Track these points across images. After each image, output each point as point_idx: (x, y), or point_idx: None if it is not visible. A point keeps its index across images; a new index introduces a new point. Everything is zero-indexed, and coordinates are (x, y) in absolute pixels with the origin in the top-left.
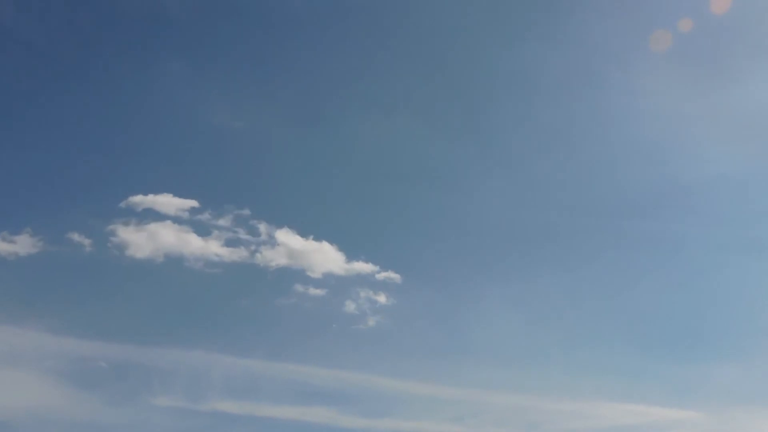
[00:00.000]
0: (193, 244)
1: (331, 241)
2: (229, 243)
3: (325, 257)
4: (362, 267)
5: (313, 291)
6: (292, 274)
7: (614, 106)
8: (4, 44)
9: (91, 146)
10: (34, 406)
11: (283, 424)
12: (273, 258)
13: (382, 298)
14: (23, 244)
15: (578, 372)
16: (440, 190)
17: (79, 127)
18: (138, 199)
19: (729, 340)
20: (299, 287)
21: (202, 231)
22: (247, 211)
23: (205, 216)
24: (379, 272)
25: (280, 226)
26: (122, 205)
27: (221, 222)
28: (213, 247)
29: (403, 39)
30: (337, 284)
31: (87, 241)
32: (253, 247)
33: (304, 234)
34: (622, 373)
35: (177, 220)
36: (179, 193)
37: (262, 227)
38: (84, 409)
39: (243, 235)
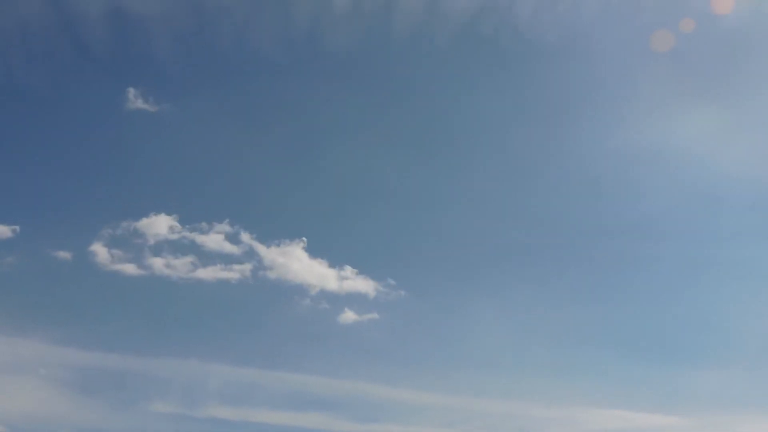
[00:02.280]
0: (187, 258)
1: (323, 255)
2: (223, 258)
3: (317, 270)
4: (354, 279)
5: (306, 302)
6: (286, 287)
7: (588, 131)
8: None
9: (93, 170)
10: (37, 412)
11: (277, 429)
12: (266, 271)
13: (373, 309)
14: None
15: (566, 379)
16: (430, 210)
17: (81, 153)
18: (133, 214)
19: (711, 348)
20: (292, 299)
21: (196, 246)
22: (239, 227)
23: (198, 231)
24: (370, 284)
25: (272, 241)
26: (122, 222)
27: (215, 236)
28: (207, 262)
29: (385, 79)
30: (329, 296)
31: (87, 255)
32: (247, 262)
33: (296, 248)
34: (608, 380)
35: (171, 234)
36: (170, 210)
37: (255, 243)
38: (84, 416)
39: (236, 250)
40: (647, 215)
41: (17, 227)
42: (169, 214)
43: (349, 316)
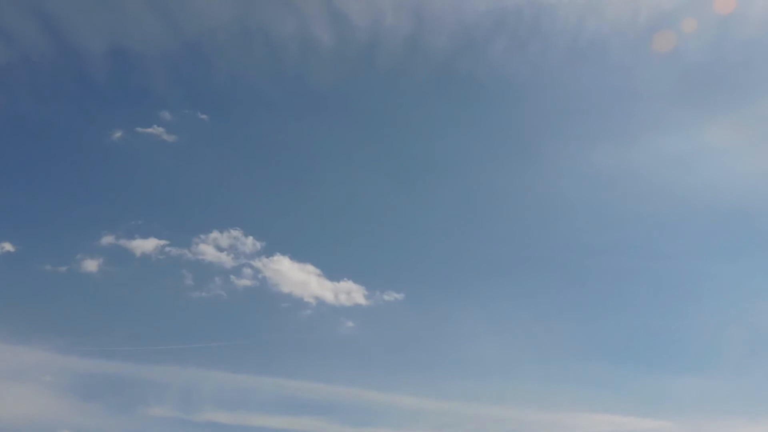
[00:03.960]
0: (182, 269)
1: (317, 265)
2: (219, 269)
3: (312, 280)
4: (348, 288)
5: (301, 311)
6: (281, 297)
7: (566, 154)
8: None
9: (91, 191)
10: (41, 417)
11: None
12: (262, 282)
13: (366, 317)
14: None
15: (555, 384)
16: (420, 226)
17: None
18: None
19: (697, 355)
20: (288, 308)
21: (193, 257)
22: (238, 232)
23: (195, 243)
24: (363, 293)
25: (268, 252)
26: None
27: (211, 249)
28: (203, 272)
29: (368, 113)
30: (324, 305)
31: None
32: (242, 273)
33: (292, 258)
34: (597, 385)
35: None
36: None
37: (251, 254)
38: (86, 421)
39: (232, 262)
40: (635, 233)
41: (19, 245)
42: (169, 228)
43: (342, 323)
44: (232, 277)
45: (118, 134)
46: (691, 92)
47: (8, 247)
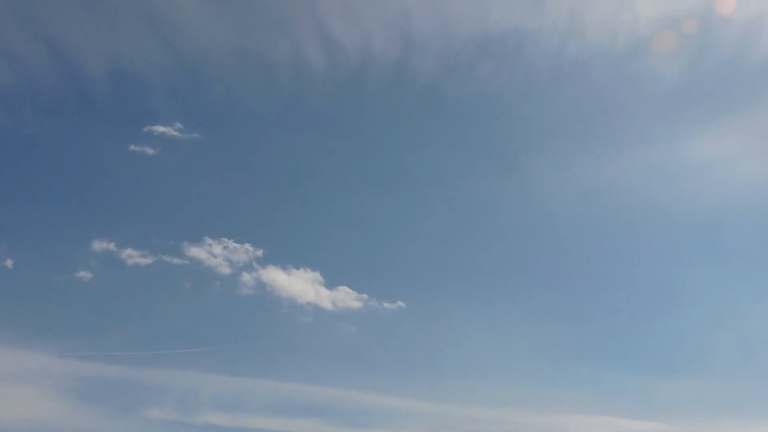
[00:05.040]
0: (182, 276)
1: (315, 270)
2: (215, 276)
3: (309, 285)
4: (345, 293)
5: (298, 316)
6: (279, 301)
7: (550, 168)
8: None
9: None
10: (43, 419)
11: None
12: (260, 287)
13: (363, 321)
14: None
15: (551, 387)
16: (414, 234)
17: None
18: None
19: (690, 359)
20: (286, 313)
21: (192, 264)
22: (237, 242)
23: (196, 249)
24: (360, 298)
25: (266, 259)
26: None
27: (209, 255)
28: (200, 278)
29: (358, 131)
30: (320, 309)
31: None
32: (240, 279)
33: (289, 265)
34: (592, 388)
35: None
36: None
37: (249, 261)
38: (86, 422)
39: (230, 269)
40: (626, 240)
41: (21, 254)
42: (170, 237)
43: (339, 328)
44: (231, 283)
45: (119, 150)
46: (667, 109)
47: (9, 258)
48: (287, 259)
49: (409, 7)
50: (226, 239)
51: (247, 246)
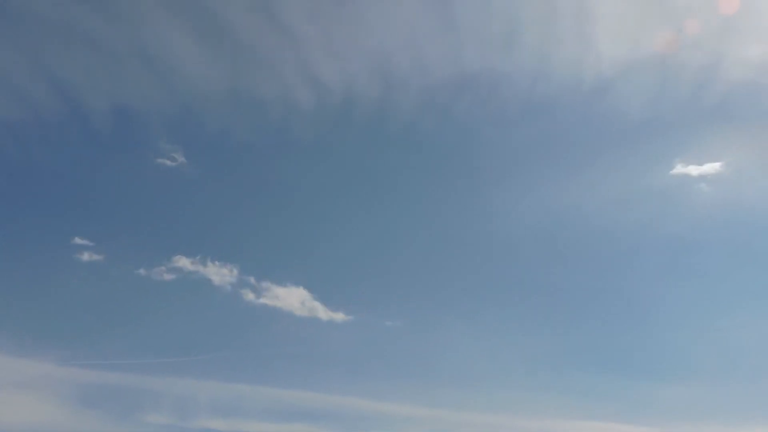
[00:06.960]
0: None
1: (307, 286)
2: (215, 288)
3: (305, 300)
4: (338, 305)
5: (295, 327)
6: (275, 312)
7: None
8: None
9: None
10: (41, 425)
11: None
12: (257, 300)
13: (357, 331)
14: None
15: (543, 392)
16: (403, 250)
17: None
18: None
19: (677, 364)
20: (279, 322)
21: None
22: (231, 265)
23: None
24: (354, 309)
25: (263, 276)
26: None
27: (207, 270)
28: (200, 289)
29: (345, 159)
30: (315, 321)
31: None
32: (239, 292)
33: (281, 281)
34: (583, 393)
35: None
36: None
37: (247, 276)
38: (86, 428)
39: (228, 281)
40: (614, 254)
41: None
42: (169, 251)
43: (335, 337)
44: (228, 295)
45: (121, 179)
46: (629, 142)
47: (10, 265)
48: (280, 276)
49: (388, 49)
50: (223, 255)
51: (243, 262)
